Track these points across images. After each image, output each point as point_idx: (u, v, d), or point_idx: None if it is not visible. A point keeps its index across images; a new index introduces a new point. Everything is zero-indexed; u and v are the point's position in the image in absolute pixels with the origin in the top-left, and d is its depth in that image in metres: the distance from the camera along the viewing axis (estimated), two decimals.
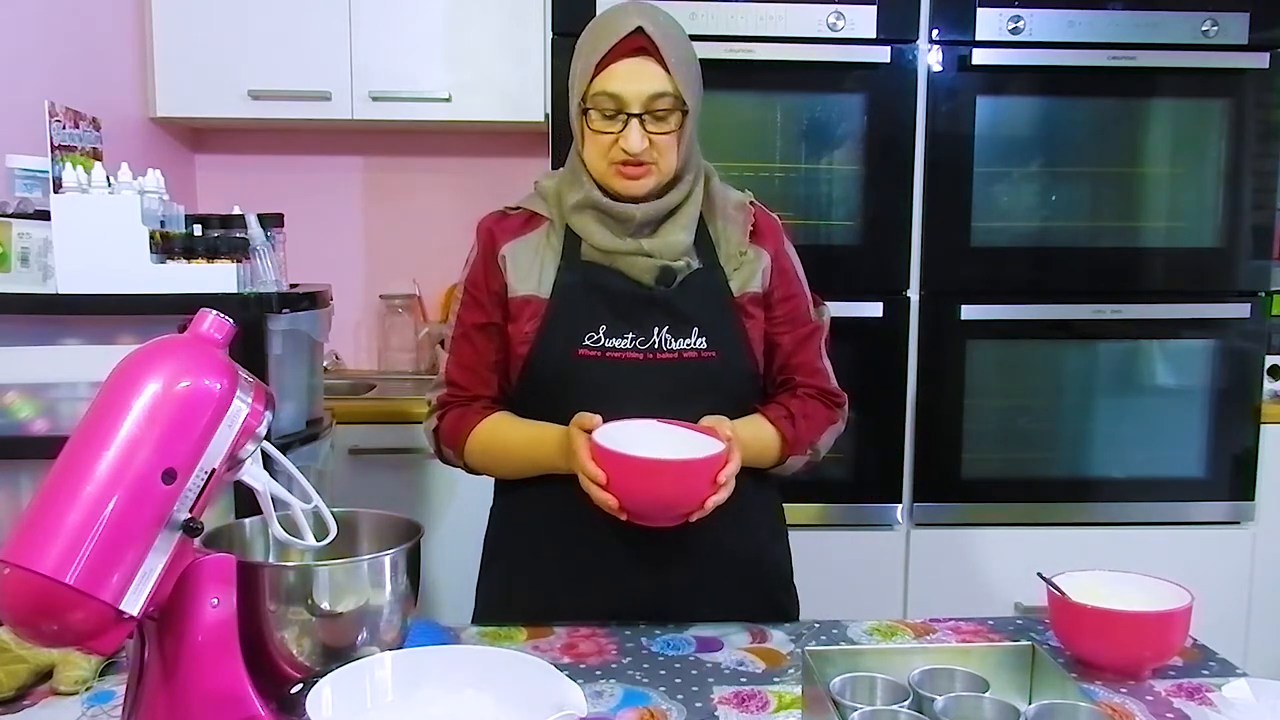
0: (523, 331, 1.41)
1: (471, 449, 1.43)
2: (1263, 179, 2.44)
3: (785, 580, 1.55)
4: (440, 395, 1.47)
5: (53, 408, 1.63)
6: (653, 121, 1.34)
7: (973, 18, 2.34)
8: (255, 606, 0.99)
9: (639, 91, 1.32)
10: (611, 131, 1.34)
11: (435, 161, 3.03)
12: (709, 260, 1.42)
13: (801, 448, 1.44)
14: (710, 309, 1.40)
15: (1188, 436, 2.51)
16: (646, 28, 1.32)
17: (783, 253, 1.48)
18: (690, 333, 1.39)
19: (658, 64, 1.33)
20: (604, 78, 1.33)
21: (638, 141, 1.33)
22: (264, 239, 1.78)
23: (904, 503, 2.46)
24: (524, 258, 1.43)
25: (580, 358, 1.38)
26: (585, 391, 1.34)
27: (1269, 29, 2.38)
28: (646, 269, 1.38)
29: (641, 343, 1.38)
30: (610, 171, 1.36)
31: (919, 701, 1.01)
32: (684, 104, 1.35)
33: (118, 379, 0.91)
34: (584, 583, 1.40)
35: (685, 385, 1.36)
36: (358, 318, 3.07)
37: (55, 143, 1.62)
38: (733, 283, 1.42)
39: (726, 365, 1.40)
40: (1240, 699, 1.03)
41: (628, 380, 1.36)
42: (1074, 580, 1.28)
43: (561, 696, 0.93)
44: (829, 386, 1.49)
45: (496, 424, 1.43)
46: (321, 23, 2.64)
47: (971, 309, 2.41)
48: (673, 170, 1.38)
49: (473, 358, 1.45)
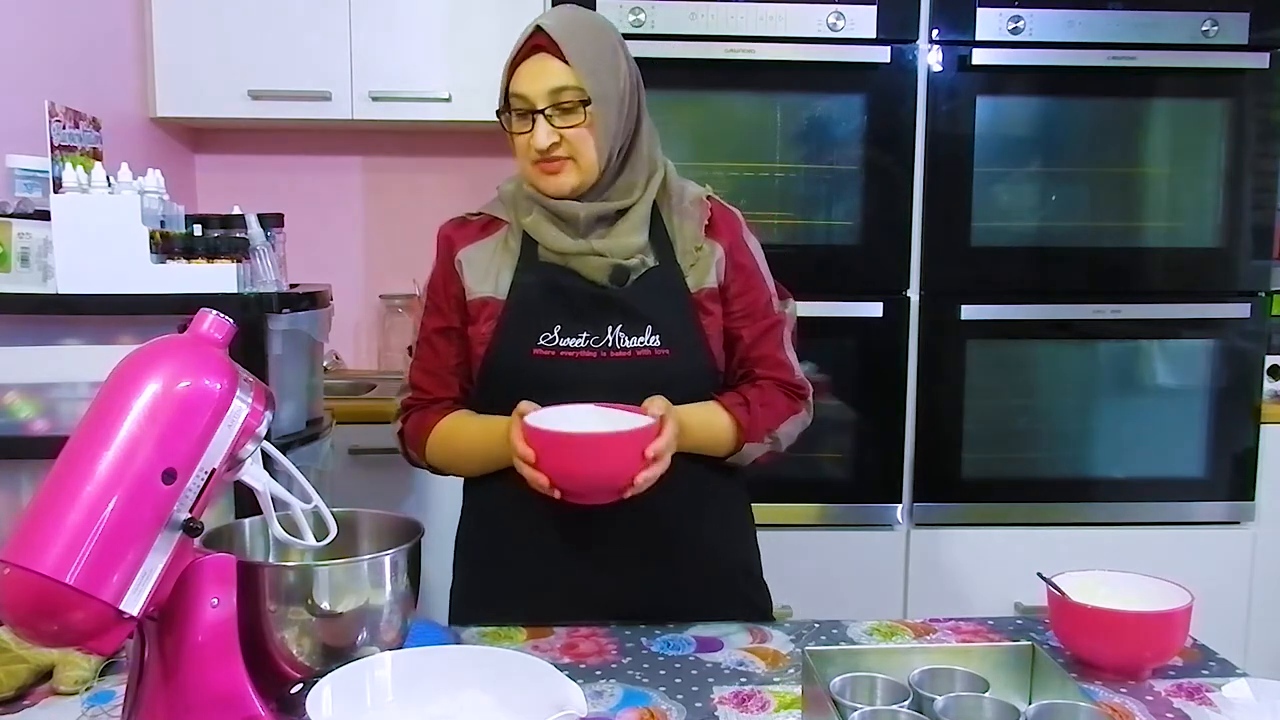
0: (481, 333, 1.43)
1: (432, 448, 1.46)
2: (1263, 179, 2.45)
3: (753, 577, 1.55)
4: (405, 399, 1.50)
5: (53, 408, 1.63)
6: (559, 115, 1.36)
7: (973, 18, 2.34)
8: (255, 606, 0.99)
9: (539, 88, 1.35)
10: (524, 131, 1.38)
11: (435, 161, 3.02)
12: (665, 257, 1.43)
13: (758, 435, 1.43)
14: (665, 307, 1.41)
15: (1188, 436, 2.51)
16: (545, 26, 1.36)
17: (740, 245, 1.48)
18: (644, 331, 1.39)
19: (557, 59, 1.35)
20: (514, 80, 1.38)
21: (544, 137, 1.36)
22: (264, 239, 1.78)
23: (904, 503, 2.47)
24: (481, 261, 1.45)
25: (535, 357, 1.39)
26: (540, 390, 1.35)
27: (1269, 29, 2.38)
28: (600, 268, 1.39)
29: (595, 341, 1.39)
30: (533, 171, 1.40)
31: (919, 701, 1.01)
32: (586, 100, 1.36)
33: (118, 379, 0.91)
34: (547, 580, 1.41)
35: (638, 383, 1.36)
36: (358, 318, 3.07)
37: (55, 143, 1.61)
38: (689, 279, 1.43)
39: (681, 362, 1.41)
40: (1240, 699, 1.03)
41: (581, 379, 1.37)
42: (1074, 580, 1.28)
43: (561, 696, 0.93)
44: (792, 378, 1.49)
45: (453, 422, 1.45)
46: (321, 23, 2.64)
47: (971, 309, 2.41)
48: (594, 166, 1.38)
49: (434, 361, 1.48)
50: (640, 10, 2.28)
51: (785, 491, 2.43)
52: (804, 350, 1.51)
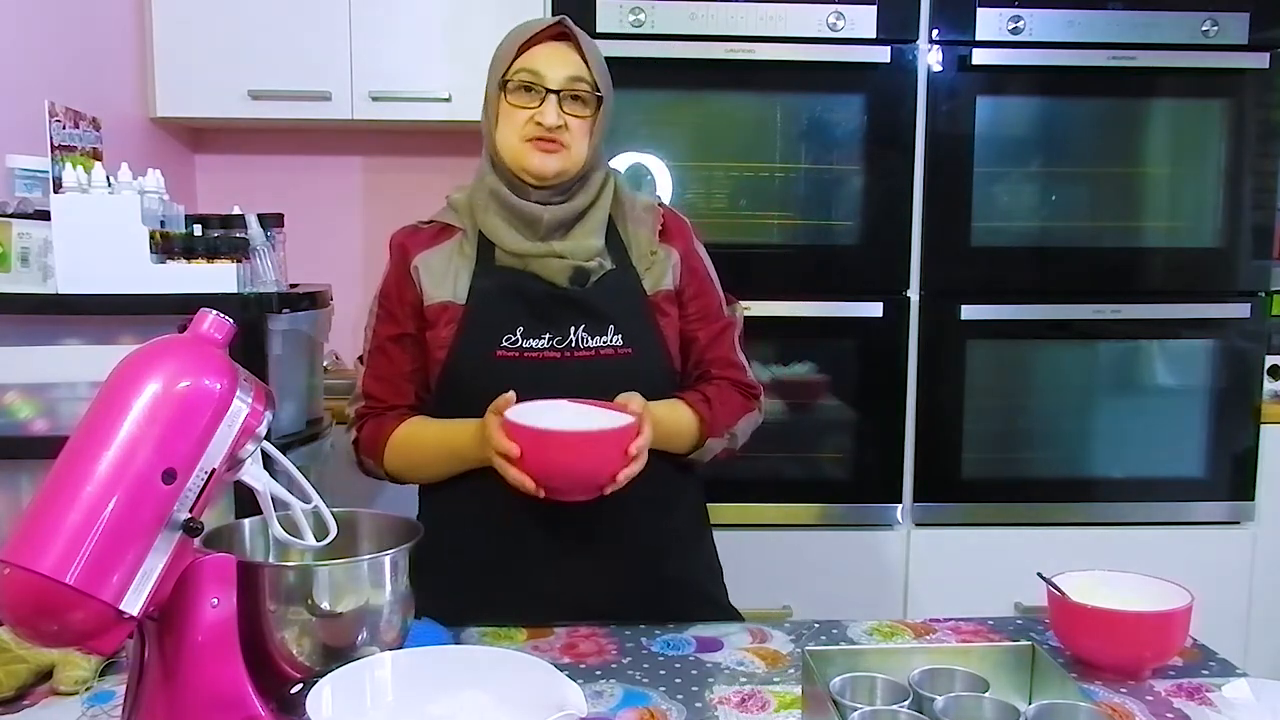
0: (441, 337, 1.44)
1: (390, 455, 1.46)
2: (1263, 179, 2.45)
3: (714, 573, 1.56)
4: (358, 408, 1.50)
5: (53, 408, 1.63)
6: (569, 102, 1.40)
7: (973, 18, 2.34)
8: (255, 606, 0.99)
9: (559, 72, 1.40)
10: (529, 106, 1.40)
11: (435, 161, 3.02)
12: (621, 262, 1.46)
13: (718, 429, 1.46)
14: (625, 307, 1.44)
15: (1188, 436, 2.51)
16: (567, 23, 1.42)
17: (692, 252, 1.52)
18: (606, 330, 1.42)
19: (576, 53, 1.41)
20: (525, 58, 1.41)
21: (554, 116, 1.38)
22: (264, 239, 1.78)
23: (904, 503, 2.47)
24: (438, 266, 1.46)
25: (499, 359, 1.40)
26: (504, 392, 1.36)
27: (1269, 29, 2.38)
28: (560, 270, 1.41)
29: (559, 342, 1.41)
30: (524, 148, 1.41)
31: (919, 701, 1.01)
32: (599, 93, 1.41)
33: (118, 379, 0.91)
34: (501, 581, 1.42)
35: (602, 382, 1.37)
36: (358, 318, 3.05)
37: (55, 143, 1.62)
38: (645, 282, 1.47)
39: (642, 362, 1.43)
40: (1240, 699, 1.03)
41: (546, 379, 1.38)
42: (1074, 580, 1.28)
43: (561, 696, 0.93)
44: (745, 378, 1.52)
45: (411, 426, 1.46)
46: (321, 23, 2.64)
47: (971, 309, 2.41)
48: (581, 159, 1.42)
49: (388, 369, 1.48)
50: (640, 10, 2.28)
51: (785, 491, 2.43)
52: (804, 350, 1.51)
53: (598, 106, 1.43)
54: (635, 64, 1.42)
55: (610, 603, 1.40)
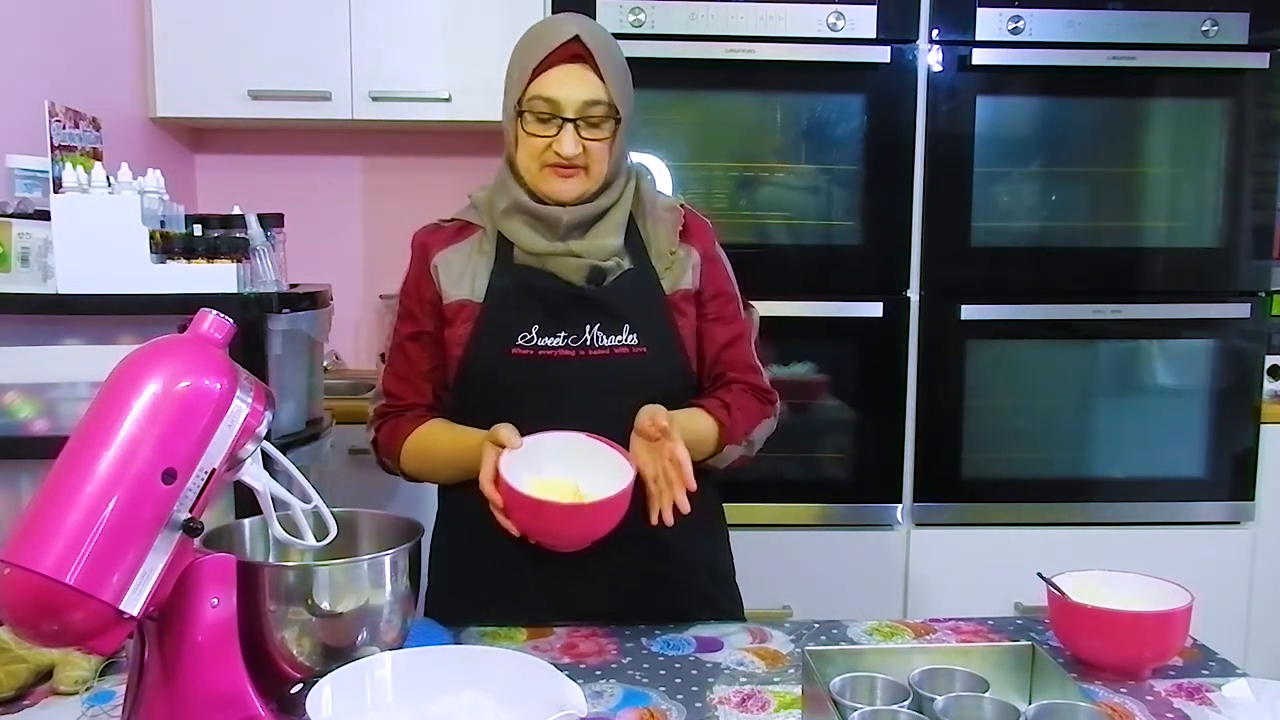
0: (458, 334, 1.44)
1: (405, 456, 1.47)
2: (1263, 179, 2.45)
3: (724, 578, 1.55)
4: (378, 406, 1.51)
5: (53, 408, 1.63)
6: (586, 128, 1.37)
7: (973, 18, 2.34)
8: (255, 606, 0.99)
9: (574, 97, 1.36)
10: (546, 135, 1.38)
11: (435, 161, 3.02)
12: (640, 260, 1.45)
13: (738, 436, 1.45)
14: (641, 306, 1.43)
15: (1188, 436, 2.51)
16: (583, 36, 1.36)
17: (713, 253, 1.51)
18: (621, 329, 1.41)
19: (593, 72, 1.37)
20: (540, 83, 1.37)
21: (571, 146, 1.36)
22: (264, 239, 1.78)
23: (904, 503, 2.47)
24: (456, 264, 1.46)
25: (514, 357, 1.40)
26: (519, 390, 1.36)
27: (1269, 29, 2.38)
28: (577, 269, 1.40)
29: (573, 340, 1.40)
30: (542, 174, 1.40)
31: (919, 701, 1.01)
32: (617, 112, 1.38)
33: (118, 379, 0.91)
34: (516, 582, 1.41)
35: (616, 380, 1.37)
36: (358, 318, 3.07)
37: (55, 143, 1.61)
38: (664, 281, 1.46)
39: (657, 361, 1.42)
40: (1240, 699, 1.03)
41: (560, 377, 1.38)
42: (1074, 580, 1.28)
43: (561, 696, 0.93)
44: (761, 383, 1.52)
45: (427, 430, 1.46)
46: (321, 23, 2.64)
47: (972, 309, 2.41)
48: (602, 178, 1.41)
49: (406, 368, 1.49)
50: (640, 10, 2.28)
51: (785, 491, 2.43)
52: (804, 350, 1.51)
53: (618, 123, 1.40)
54: (635, 64, 1.41)
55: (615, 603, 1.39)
